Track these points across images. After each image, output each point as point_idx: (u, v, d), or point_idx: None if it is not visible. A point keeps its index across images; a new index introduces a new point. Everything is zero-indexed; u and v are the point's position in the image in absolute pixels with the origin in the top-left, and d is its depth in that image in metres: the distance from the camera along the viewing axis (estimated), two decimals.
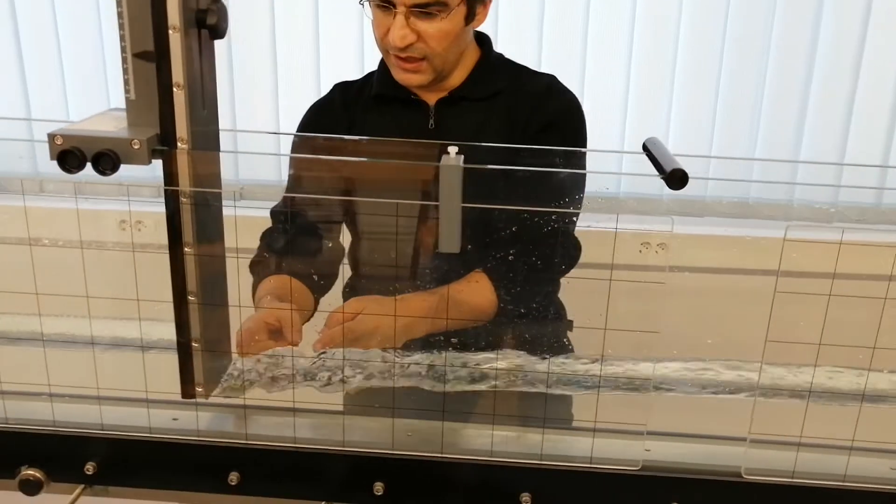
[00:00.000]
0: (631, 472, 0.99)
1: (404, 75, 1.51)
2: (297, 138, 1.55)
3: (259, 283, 1.43)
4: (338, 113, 1.60)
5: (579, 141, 1.56)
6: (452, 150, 0.90)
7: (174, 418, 1.06)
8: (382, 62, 1.57)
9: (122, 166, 0.91)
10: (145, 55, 0.92)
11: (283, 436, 1.03)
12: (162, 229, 0.98)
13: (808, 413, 0.99)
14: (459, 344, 1.15)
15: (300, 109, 1.64)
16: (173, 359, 1.03)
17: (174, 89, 0.92)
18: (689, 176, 0.92)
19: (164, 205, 0.97)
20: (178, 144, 0.94)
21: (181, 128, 0.93)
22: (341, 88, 1.64)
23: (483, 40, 1.60)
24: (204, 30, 0.94)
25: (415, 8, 1.43)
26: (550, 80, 1.60)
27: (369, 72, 1.64)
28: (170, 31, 0.90)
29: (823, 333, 0.93)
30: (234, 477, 1.01)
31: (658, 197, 1.15)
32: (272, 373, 1.11)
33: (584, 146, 1.57)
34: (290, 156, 1.49)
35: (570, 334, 1.48)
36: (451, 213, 0.89)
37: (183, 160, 0.94)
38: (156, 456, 1.03)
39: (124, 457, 1.04)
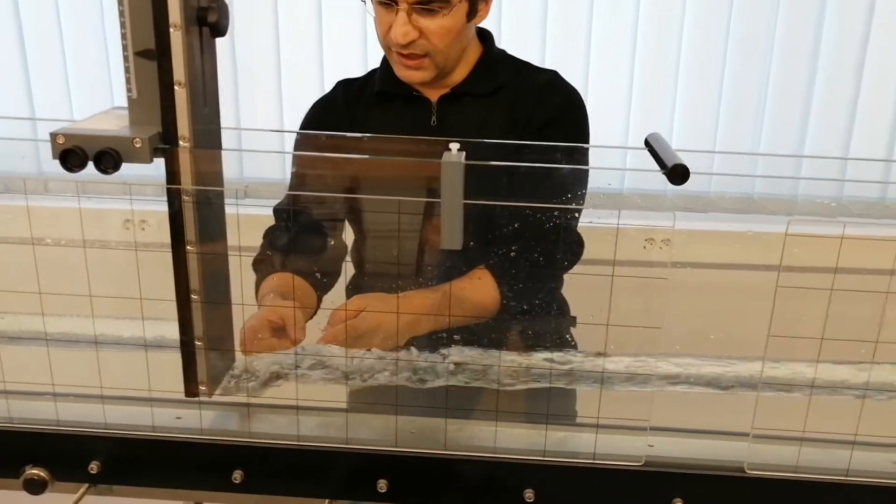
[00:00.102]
0: (634, 467, 0.99)
1: (407, 72, 1.51)
2: (300, 136, 1.55)
3: (262, 280, 1.43)
4: (340, 110, 1.60)
5: (581, 137, 1.56)
6: (454, 146, 0.89)
7: (178, 417, 1.06)
8: (385, 59, 1.57)
9: (129, 165, 0.91)
10: (146, 53, 0.92)
11: (287, 434, 1.03)
12: (166, 228, 0.98)
13: (810, 408, 0.99)
14: (462, 341, 1.15)
15: (304, 107, 1.65)
16: (177, 357, 1.03)
17: (175, 87, 0.92)
18: (692, 171, 0.92)
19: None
20: (180, 143, 0.94)
21: (183, 126, 0.93)
22: (343, 86, 1.64)
23: (485, 36, 1.60)
24: (205, 27, 0.94)
25: (417, 5, 1.43)
26: (553, 75, 1.59)
27: (372, 69, 1.64)
28: (171, 29, 0.90)
29: (826, 328, 0.93)
30: (237, 475, 1.01)
31: (661, 193, 1.15)
32: (275, 370, 1.11)
33: (586, 142, 1.57)
34: (291, 153, 1.49)
35: (573, 330, 1.48)
36: (452, 210, 0.89)
37: (185, 158, 0.94)
38: (160, 455, 1.04)
39: (128, 456, 1.04)
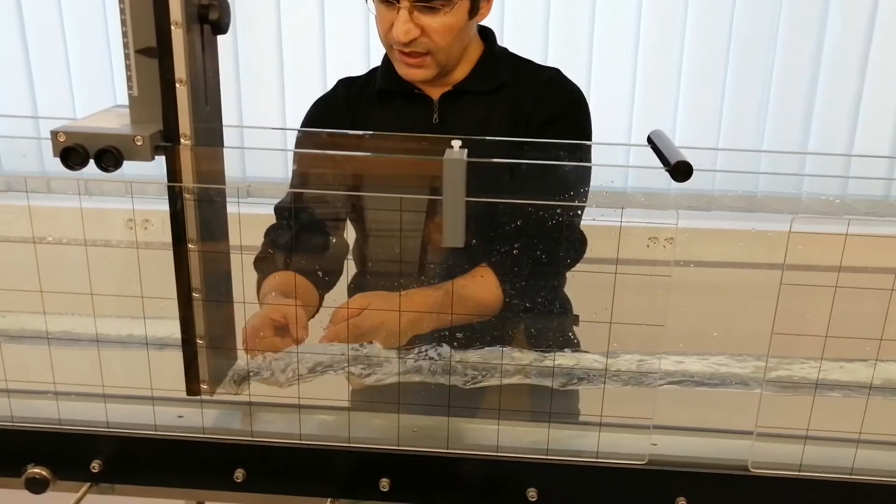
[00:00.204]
0: (637, 466, 0.99)
1: (408, 70, 1.50)
2: (301, 134, 1.55)
3: (263, 279, 1.43)
4: (341, 108, 1.60)
5: (583, 134, 1.56)
6: (456, 144, 0.89)
7: (179, 416, 1.06)
8: (386, 57, 1.57)
9: (133, 164, 0.91)
10: (148, 51, 0.92)
11: (289, 432, 1.02)
12: (168, 227, 0.98)
13: (814, 406, 0.99)
14: (465, 339, 1.15)
15: (306, 105, 1.64)
16: (178, 356, 1.03)
17: (177, 85, 0.92)
18: (695, 168, 0.92)
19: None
20: (181, 141, 0.94)
21: (184, 124, 0.93)
22: (345, 84, 1.64)
23: (487, 34, 1.60)
24: (206, 25, 0.94)
25: (418, 3, 1.42)
26: (554, 73, 1.59)
27: (373, 67, 1.64)
28: (172, 27, 0.90)
29: (830, 326, 0.93)
30: (239, 474, 1.01)
31: (665, 191, 1.15)
32: (278, 368, 1.10)
33: (588, 139, 1.57)
34: (293, 151, 1.49)
35: (577, 329, 1.48)
36: (454, 208, 0.89)
37: (186, 156, 0.94)
38: (161, 453, 1.03)
39: (130, 454, 1.03)
